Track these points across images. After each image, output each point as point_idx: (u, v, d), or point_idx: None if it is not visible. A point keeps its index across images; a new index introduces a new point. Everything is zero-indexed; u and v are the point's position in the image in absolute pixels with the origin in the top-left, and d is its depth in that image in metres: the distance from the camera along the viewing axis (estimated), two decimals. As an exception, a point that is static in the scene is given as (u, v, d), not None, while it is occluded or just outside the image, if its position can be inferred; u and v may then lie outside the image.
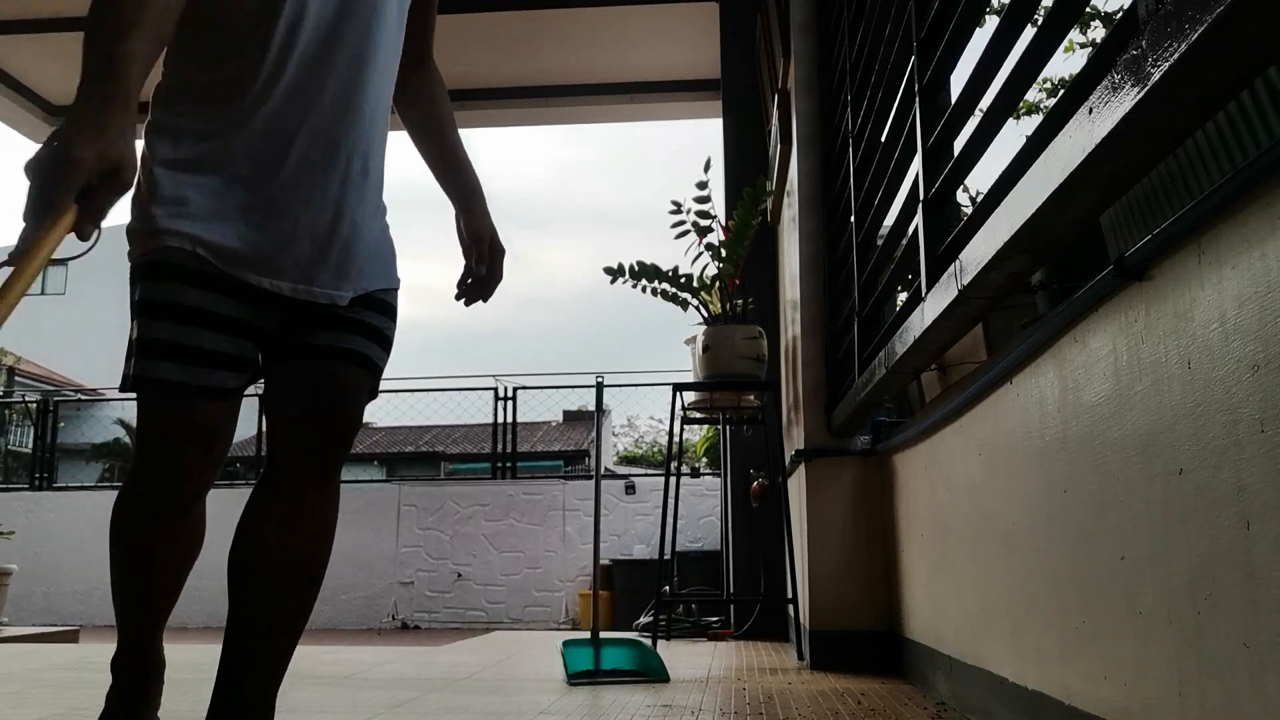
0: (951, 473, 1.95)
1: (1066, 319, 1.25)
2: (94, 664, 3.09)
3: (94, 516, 9.17)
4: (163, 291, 1.27)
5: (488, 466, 9.84)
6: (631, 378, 12.11)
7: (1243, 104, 0.95)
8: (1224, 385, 0.88)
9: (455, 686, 2.56)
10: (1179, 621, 0.97)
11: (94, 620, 8.79)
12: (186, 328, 1.27)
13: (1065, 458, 1.28)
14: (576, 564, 8.52)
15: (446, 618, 8.54)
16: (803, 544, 3.09)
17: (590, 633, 2.80)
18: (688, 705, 2.17)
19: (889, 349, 2.03)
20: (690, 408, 3.75)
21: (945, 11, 1.69)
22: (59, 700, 2.28)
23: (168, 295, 1.27)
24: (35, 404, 10.73)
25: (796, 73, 3.31)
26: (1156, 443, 1.02)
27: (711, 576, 6.46)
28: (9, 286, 0.99)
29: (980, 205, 1.45)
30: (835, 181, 3.04)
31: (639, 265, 3.46)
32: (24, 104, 5.87)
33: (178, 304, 1.27)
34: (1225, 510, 0.88)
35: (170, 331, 1.27)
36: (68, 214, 1.05)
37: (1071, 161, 0.99)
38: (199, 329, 1.28)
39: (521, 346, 49.66)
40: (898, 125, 2.09)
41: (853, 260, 2.62)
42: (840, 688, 2.43)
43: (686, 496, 7.41)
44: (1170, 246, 0.97)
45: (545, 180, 75.48)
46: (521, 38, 5.35)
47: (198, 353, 1.28)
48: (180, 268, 1.27)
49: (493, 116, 6.16)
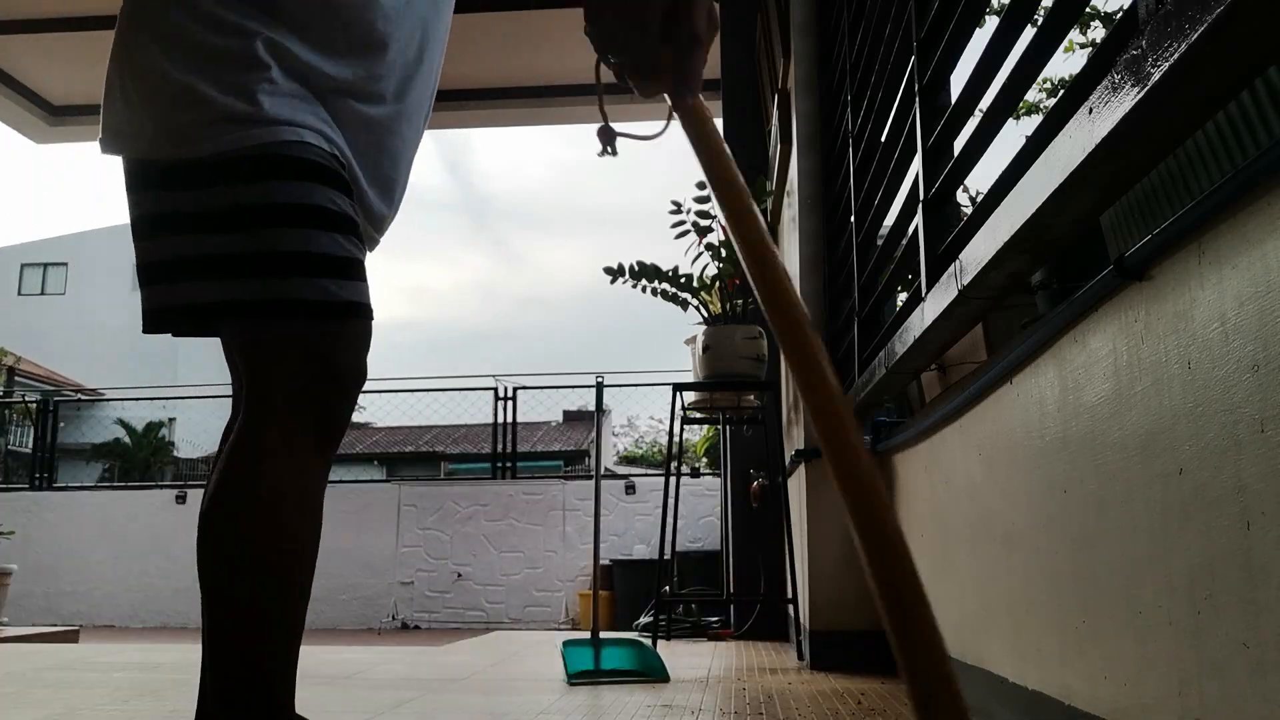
0: (951, 473, 1.95)
1: (1066, 319, 1.25)
2: (94, 664, 3.09)
3: (94, 516, 9.18)
4: (314, 193, 1.06)
5: (488, 466, 9.84)
6: (631, 378, 12.12)
7: (1243, 104, 0.95)
8: (1224, 385, 0.88)
9: (455, 686, 2.56)
10: (1179, 621, 0.97)
11: (94, 620, 8.80)
12: (349, 237, 1.09)
13: (1065, 458, 1.28)
14: (576, 564, 8.52)
15: (446, 618, 8.54)
16: (803, 544, 3.09)
17: (590, 633, 2.80)
18: (688, 705, 2.17)
19: (889, 349, 2.03)
20: (690, 408, 3.75)
21: (945, 11, 1.69)
22: (59, 700, 2.28)
23: (318, 199, 1.06)
24: (35, 404, 10.73)
25: (796, 73, 3.31)
26: (1156, 443, 1.02)
27: (711, 576, 6.46)
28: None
29: (980, 205, 1.45)
30: (835, 181, 3.04)
31: (639, 265, 3.46)
32: (24, 104, 5.87)
33: (332, 211, 1.07)
34: (1225, 510, 0.88)
35: (342, 246, 1.07)
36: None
37: (1071, 161, 0.99)
38: (359, 246, 1.10)
39: (521, 346, 49.66)
40: (898, 125, 2.09)
41: (853, 260, 2.62)
42: (840, 688, 2.43)
43: (686, 496, 7.40)
44: (1170, 246, 0.97)
45: (545, 180, 75.45)
46: (521, 38, 5.35)
47: (363, 273, 1.10)
48: (314, 167, 1.07)
49: (493, 116, 6.16)
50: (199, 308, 1.07)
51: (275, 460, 1.05)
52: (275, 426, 1.06)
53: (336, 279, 1.07)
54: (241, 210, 1.04)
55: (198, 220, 1.05)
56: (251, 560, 1.05)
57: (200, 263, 1.05)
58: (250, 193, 1.05)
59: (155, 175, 1.08)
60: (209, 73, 1.05)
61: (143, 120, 1.07)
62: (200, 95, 1.04)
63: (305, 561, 1.08)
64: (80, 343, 25.95)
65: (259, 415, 1.07)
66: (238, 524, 1.05)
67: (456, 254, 67.86)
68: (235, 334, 1.10)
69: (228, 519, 1.05)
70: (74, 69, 5.71)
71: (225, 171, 1.05)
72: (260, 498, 1.05)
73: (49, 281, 28.02)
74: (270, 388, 1.07)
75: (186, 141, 1.05)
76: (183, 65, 1.05)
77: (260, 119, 1.05)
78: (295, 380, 1.07)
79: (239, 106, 1.04)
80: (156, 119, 1.06)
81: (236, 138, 1.04)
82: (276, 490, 1.05)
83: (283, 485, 1.06)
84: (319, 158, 1.08)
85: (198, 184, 1.05)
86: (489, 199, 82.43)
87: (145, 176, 1.09)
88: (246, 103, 1.04)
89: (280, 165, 1.05)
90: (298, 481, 1.07)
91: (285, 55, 1.08)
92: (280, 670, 1.07)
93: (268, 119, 1.05)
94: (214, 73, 1.05)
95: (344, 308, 1.08)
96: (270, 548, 1.05)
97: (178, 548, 8.76)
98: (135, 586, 8.95)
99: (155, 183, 1.08)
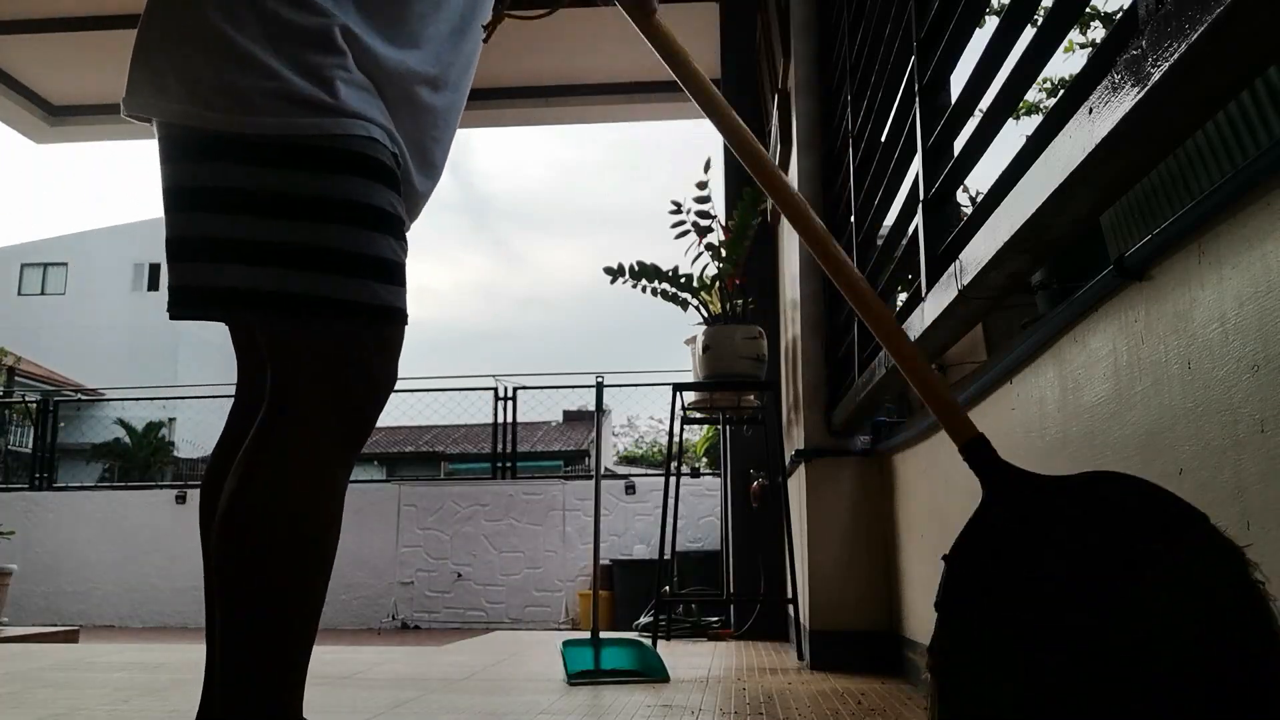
0: (951, 473, 1.95)
1: (1066, 319, 1.25)
2: (94, 664, 3.09)
3: (94, 516, 9.18)
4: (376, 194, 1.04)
5: (488, 466, 9.85)
6: (631, 378, 12.13)
7: (1243, 104, 0.95)
8: (1224, 385, 0.88)
9: (455, 686, 2.56)
10: (1179, 621, 0.97)
11: (94, 620, 8.80)
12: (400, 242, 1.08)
13: (1065, 458, 1.28)
14: (576, 564, 8.52)
15: (446, 618, 8.54)
16: (803, 544, 3.09)
17: (590, 633, 2.80)
18: (688, 705, 2.17)
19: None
20: (690, 408, 3.75)
21: (945, 11, 1.69)
22: (59, 700, 2.27)
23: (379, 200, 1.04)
24: (35, 404, 10.73)
25: (796, 73, 3.31)
26: (1156, 443, 1.02)
27: (711, 576, 6.46)
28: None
29: (980, 205, 1.45)
30: (835, 182, 3.04)
31: (639, 265, 3.46)
32: (24, 104, 5.87)
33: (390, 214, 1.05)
34: (1225, 510, 0.88)
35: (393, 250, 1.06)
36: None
37: (1071, 161, 0.99)
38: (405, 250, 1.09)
39: (521, 346, 49.69)
40: (898, 125, 2.09)
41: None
42: (840, 688, 2.43)
43: (686, 496, 7.41)
44: (1170, 246, 0.97)
45: (545, 180, 75.48)
46: (521, 38, 5.35)
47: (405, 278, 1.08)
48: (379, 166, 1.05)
49: (493, 116, 6.16)
50: (241, 293, 1.01)
51: (302, 460, 1.03)
52: (304, 426, 1.04)
53: (385, 283, 1.05)
54: (304, 199, 1.00)
55: (253, 200, 1.00)
56: (275, 558, 1.02)
57: (250, 247, 1.00)
58: (315, 183, 1.01)
59: (205, 144, 1.01)
60: (280, 46, 1.00)
61: (193, 82, 1.00)
62: (264, 65, 0.99)
63: (326, 563, 1.06)
64: (80, 343, 25.95)
65: (288, 412, 1.04)
66: (263, 521, 1.02)
67: (456, 254, 67.81)
68: (272, 326, 1.05)
69: (253, 516, 1.02)
70: (74, 69, 5.70)
71: (291, 155, 1.00)
72: (287, 496, 1.03)
73: (49, 281, 28.02)
74: (303, 385, 1.04)
75: (245, 109, 0.98)
76: (250, 32, 1.00)
77: (334, 109, 1.01)
78: (330, 381, 1.05)
79: (311, 90, 1.00)
80: (211, 81, 0.99)
81: (310, 123, 0.99)
82: (302, 490, 1.03)
83: (309, 485, 1.04)
84: (384, 157, 1.06)
85: (256, 161, 1.00)
86: (489, 199, 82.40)
87: (194, 145, 1.02)
88: (321, 88, 1.00)
89: (350, 161, 1.02)
90: (323, 482, 1.05)
91: (359, 44, 1.04)
92: (294, 670, 1.05)
93: (341, 110, 1.01)
94: (286, 48, 1.00)
95: (388, 313, 1.06)
96: (294, 547, 1.03)
97: (178, 548, 8.77)
98: (135, 586, 8.95)
99: (206, 153, 1.01)
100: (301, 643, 1.04)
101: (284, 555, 1.02)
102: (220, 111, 0.99)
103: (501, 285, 62.18)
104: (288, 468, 1.03)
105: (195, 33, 1.01)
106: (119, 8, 5.16)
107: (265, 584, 1.02)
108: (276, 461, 1.03)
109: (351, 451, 1.08)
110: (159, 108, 1.04)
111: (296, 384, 1.04)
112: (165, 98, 1.03)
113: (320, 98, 1.00)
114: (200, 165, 1.02)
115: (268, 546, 1.02)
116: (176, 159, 1.04)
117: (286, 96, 0.99)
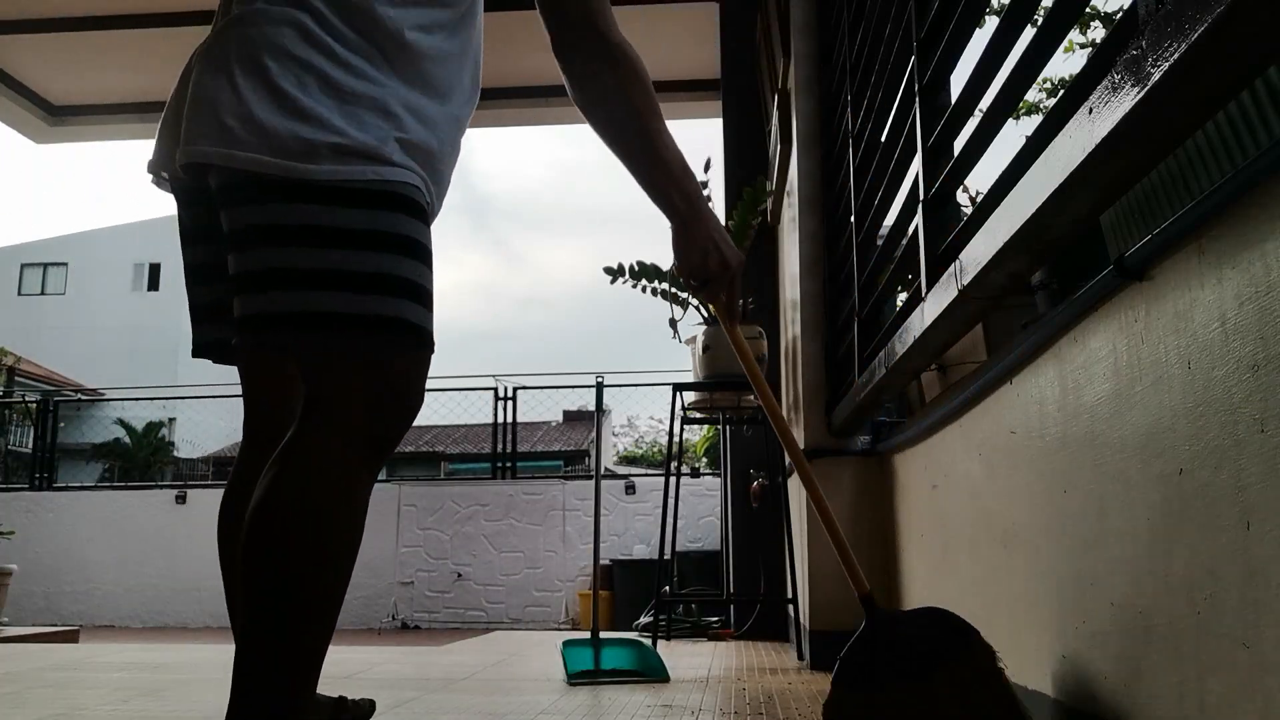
0: (951, 473, 1.95)
1: (1066, 319, 1.25)
2: (94, 664, 3.09)
3: (94, 516, 9.18)
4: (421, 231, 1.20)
5: (488, 466, 9.85)
6: (631, 378, 12.14)
7: (1243, 104, 0.95)
8: (1224, 385, 0.88)
9: (455, 686, 2.56)
10: (1179, 621, 0.97)
11: (94, 620, 8.80)
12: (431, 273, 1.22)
13: (1065, 458, 1.28)
14: (576, 564, 8.52)
15: (446, 618, 8.54)
16: (803, 544, 3.09)
17: (590, 633, 2.80)
18: (688, 705, 2.17)
19: (889, 349, 2.03)
20: (690, 408, 3.75)
21: (945, 11, 1.69)
22: (59, 700, 2.28)
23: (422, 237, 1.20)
24: (35, 404, 10.74)
25: (796, 73, 3.31)
26: (1156, 443, 1.02)
27: (711, 576, 6.46)
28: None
29: (980, 205, 1.45)
30: (835, 181, 3.04)
31: (639, 265, 3.46)
32: (24, 104, 5.87)
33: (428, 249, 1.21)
34: (1225, 510, 0.88)
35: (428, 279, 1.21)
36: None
37: (1071, 161, 0.99)
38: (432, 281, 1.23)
39: (521, 346, 49.69)
40: (898, 125, 2.09)
41: (853, 260, 2.62)
42: (840, 688, 2.43)
43: (686, 496, 7.41)
44: (1170, 246, 0.97)
45: (545, 180, 75.45)
46: (521, 38, 5.34)
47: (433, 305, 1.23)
48: (418, 207, 1.20)
49: (493, 116, 6.16)
50: (309, 315, 1.12)
51: (334, 466, 1.12)
52: (338, 436, 1.13)
53: (426, 310, 1.19)
54: (370, 234, 1.14)
55: (326, 235, 1.13)
56: (304, 559, 1.09)
57: (323, 274, 1.12)
58: (379, 220, 1.15)
59: (274, 188, 1.13)
60: (343, 108, 1.15)
61: (267, 134, 1.12)
62: (330, 123, 1.14)
63: (347, 564, 1.13)
64: (80, 343, 25.96)
65: (323, 421, 1.13)
66: (295, 520, 1.09)
67: (456, 254, 67.76)
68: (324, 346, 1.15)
69: (285, 513, 1.09)
70: (74, 69, 5.70)
71: (357, 197, 1.14)
72: (319, 498, 1.10)
73: (49, 281, 28.03)
74: (341, 398, 1.14)
75: (313, 158, 1.12)
76: (314, 95, 1.14)
77: (390, 160, 1.16)
78: (367, 394, 1.15)
79: (368, 146, 1.15)
80: (284, 134, 1.12)
81: (374, 170, 1.14)
82: (333, 494, 1.11)
83: (339, 490, 1.12)
84: (424, 201, 1.21)
85: (330, 202, 1.13)
86: (489, 199, 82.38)
87: (263, 188, 1.13)
88: (378, 143, 1.15)
89: (403, 203, 1.17)
90: (352, 489, 1.13)
91: (408, 106, 1.20)
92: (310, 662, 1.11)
93: (395, 162, 1.16)
94: (348, 110, 1.15)
95: (426, 336, 1.19)
96: (322, 548, 1.10)
97: (178, 548, 8.77)
98: (135, 586, 8.96)
99: (275, 195, 1.13)
100: (318, 639, 1.11)
101: (311, 552, 1.09)
102: (294, 160, 1.12)
103: (501, 285, 62.16)
104: (320, 472, 1.11)
105: (266, 93, 1.14)
106: (119, 8, 5.17)
107: (293, 579, 1.08)
108: (308, 465, 1.11)
109: (376, 463, 1.17)
110: (225, 155, 1.14)
111: (335, 395, 1.14)
112: (234, 146, 1.13)
113: (376, 151, 1.15)
114: (277, 206, 1.14)
115: (298, 543, 1.09)
116: (242, 201, 1.15)
117: (350, 150, 1.14)
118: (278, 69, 1.14)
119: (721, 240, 1.39)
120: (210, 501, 9.39)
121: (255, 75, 1.14)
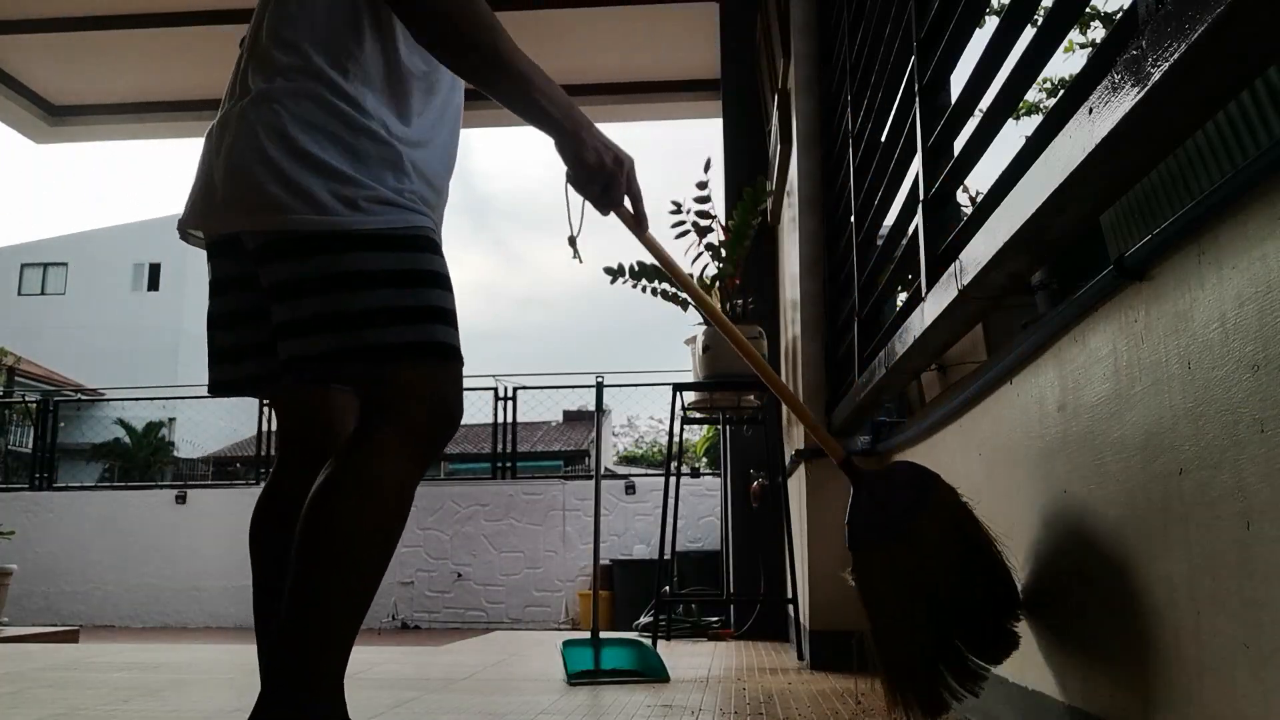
0: (951, 473, 1.94)
1: (1066, 319, 1.25)
2: (94, 664, 3.09)
3: (94, 516, 9.18)
4: (442, 265, 1.36)
5: (488, 466, 9.84)
6: (631, 378, 12.13)
7: (1243, 104, 0.95)
8: (1224, 385, 0.88)
9: (455, 686, 2.56)
10: (1179, 621, 0.97)
11: (94, 620, 8.80)
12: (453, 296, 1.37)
13: (1065, 458, 1.28)
14: (576, 564, 8.52)
15: (446, 618, 8.55)
16: (803, 544, 3.09)
17: (590, 633, 2.80)
18: (688, 705, 2.17)
19: (889, 349, 2.03)
20: (690, 408, 3.75)
21: (945, 11, 1.69)
22: (59, 700, 2.28)
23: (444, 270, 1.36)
24: (35, 404, 10.73)
25: (796, 73, 3.31)
26: (1156, 443, 1.02)
27: (711, 576, 6.46)
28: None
29: (980, 205, 1.45)
30: (835, 181, 3.04)
31: (639, 265, 3.46)
32: (24, 104, 5.86)
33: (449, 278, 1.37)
34: (1225, 510, 0.88)
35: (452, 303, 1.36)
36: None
37: (1071, 161, 0.99)
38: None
39: (521, 346, 49.69)
40: (898, 125, 2.09)
41: (853, 260, 2.62)
42: (840, 688, 2.43)
43: (686, 496, 7.41)
44: (1170, 246, 0.97)
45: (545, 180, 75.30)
46: (521, 38, 5.34)
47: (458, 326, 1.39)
48: (436, 245, 1.37)
49: (493, 116, 6.14)
50: (375, 349, 1.27)
51: (393, 458, 1.25)
52: (396, 436, 1.26)
53: (455, 329, 1.34)
54: (411, 273, 1.31)
55: (376, 278, 1.28)
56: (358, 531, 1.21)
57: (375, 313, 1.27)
58: (414, 259, 1.31)
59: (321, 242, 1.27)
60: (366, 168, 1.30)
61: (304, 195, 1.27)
62: (360, 180, 1.29)
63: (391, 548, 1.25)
64: (80, 343, 25.95)
65: (383, 422, 1.26)
66: (355, 496, 1.22)
67: (456, 254, 67.40)
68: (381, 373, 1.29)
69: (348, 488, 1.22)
70: (74, 69, 5.70)
71: (396, 243, 1.30)
72: (377, 481, 1.23)
73: (49, 281, 28.02)
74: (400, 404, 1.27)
75: (353, 210, 1.27)
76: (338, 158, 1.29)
77: (411, 207, 1.33)
78: (420, 402, 1.29)
79: (394, 196, 1.31)
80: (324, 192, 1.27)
81: (402, 218, 1.31)
82: (389, 480, 1.24)
83: (394, 478, 1.25)
84: (437, 238, 1.39)
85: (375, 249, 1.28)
86: (489, 199, 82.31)
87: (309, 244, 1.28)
88: (398, 194, 1.32)
89: (426, 243, 1.34)
90: (405, 480, 1.26)
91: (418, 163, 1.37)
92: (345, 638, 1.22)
93: (415, 209, 1.33)
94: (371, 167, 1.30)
95: (457, 351, 1.34)
96: (376, 525, 1.22)
97: (178, 548, 8.77)
98: (135, 586, 8.95)
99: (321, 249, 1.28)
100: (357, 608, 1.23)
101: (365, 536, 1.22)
102: (339, 215, 1.27)
103: (501, 285, 62.13)
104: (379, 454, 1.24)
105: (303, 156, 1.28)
106: (119, 8, 5.16)
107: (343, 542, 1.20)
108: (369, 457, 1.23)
109: (425, 460, 1.30)
110: (264, 220, 1.28)
111: (395, 404, 1.28)
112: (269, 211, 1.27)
113: (402, 200, 1.32)
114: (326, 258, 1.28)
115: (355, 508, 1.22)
116: (297, 256, 1.28)
117: (384, 200, 1.30)
118: (306, 139, 1.28)
119: (608, 139, 1.46)
120: (210, 501, 9.39)
121: (283, 144, 1.28)
